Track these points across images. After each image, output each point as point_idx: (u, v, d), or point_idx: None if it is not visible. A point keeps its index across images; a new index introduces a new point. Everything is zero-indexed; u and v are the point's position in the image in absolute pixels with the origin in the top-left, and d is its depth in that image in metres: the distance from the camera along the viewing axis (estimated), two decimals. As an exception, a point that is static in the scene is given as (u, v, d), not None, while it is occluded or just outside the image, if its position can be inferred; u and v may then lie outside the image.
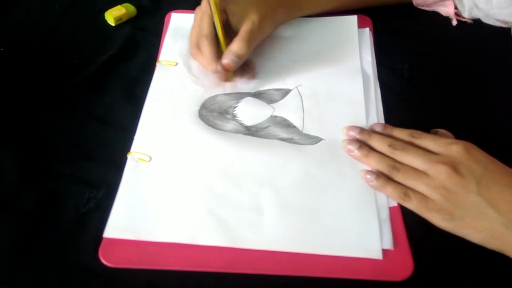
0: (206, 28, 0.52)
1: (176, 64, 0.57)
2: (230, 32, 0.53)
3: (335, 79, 0.56)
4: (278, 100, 0.54)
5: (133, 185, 0.46)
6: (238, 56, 0.51)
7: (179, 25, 0.62)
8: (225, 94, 0.54)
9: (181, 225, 0.43)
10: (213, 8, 0.50)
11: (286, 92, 0.55)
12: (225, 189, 0.46)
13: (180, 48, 0.59)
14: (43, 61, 0.58)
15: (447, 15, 0.63)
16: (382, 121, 0.52)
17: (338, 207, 0.45)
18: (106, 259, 0.41)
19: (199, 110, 0.52)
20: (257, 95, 0.54)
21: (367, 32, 0.61)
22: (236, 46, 0.51)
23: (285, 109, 0.53)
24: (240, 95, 0.54)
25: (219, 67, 0.52)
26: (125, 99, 0.54)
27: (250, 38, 0.52)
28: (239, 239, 0.42)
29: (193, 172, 0.47)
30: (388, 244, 0.43)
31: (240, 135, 0.50)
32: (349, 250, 0.42)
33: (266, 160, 0.48)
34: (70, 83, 0.55)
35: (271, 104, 0.53)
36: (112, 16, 0.63)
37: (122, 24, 0.64)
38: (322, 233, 0.43)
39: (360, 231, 0.43)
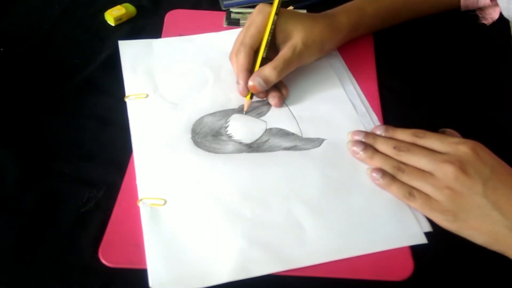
0: (247, 38, 0.52)
1: (147, 95, 0.54)
2: (273, 47, 0.53)
3: (311, 79, 0.56)
4: (266, 112, 0.53)
5: (158, 234, 0.42)
6: (266, 82, 0.51)
7: (131, 54, 0.58)
8: (210, 114, 0.52)
9: (228, 261, 0.40)
10: (269, 23, 0.50)
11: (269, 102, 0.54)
12: (254, 212, 0.44)
13: (144, 77, 0.56)
14: (43, 61, 0.58)
15: (491, 13, 0.62)
16: (369, 107, 0.53)
17: (368, 202, 0.45)
18: (106, 259, 0.41)
19: (192, 138, 0.50)
20: (242, 110, 0.53)
21: None
22: (267, 71, 0.50)
23: (277, 119, 0.52)
24: (226, 113, 0.52)
25: (241, 82, 0.51)
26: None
27: (284, 67, 0.51)
28: (289, 259, 0.41)
29: (214, 203, 0.45)
30: (427, 227, 0.43)
31: (244, 154, 0.49)
32: (393, 242, 0.42)
33: (282, 173, 0.47)
34: (70, 82, 0.55)
35: (261, 118, 0.53)
36: (112, 16, 0.63)
37: (122, 24, 0.64)
38: (363, 232, 0.43)
39: (397, 220, 0.43)
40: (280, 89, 0.54)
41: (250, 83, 0.51)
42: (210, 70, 0.57)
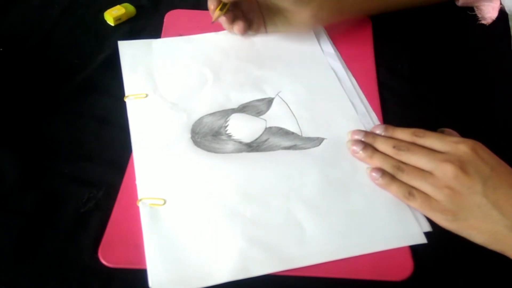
0: None
1: (146, 95, 0.54)
2: None
3: (310, 79, 0.56)
4: (266, 111, 0.53)
5: (158, 235, 0.42)
6: None
7: (131, 54, 0.58)
8: (210, 114, 0.52)
9: (228, 261, 0.41)
10: None
11: (269, 101, 0.54)
12: (254, 212, 0.44)
13: (144, 77, 0.56)
14: (43, 61, 0.58)
15: (490, 12, 0.62)
16: (369, 107, 0.53)
17: (368, 202, 0.45)
18: (106, 259, 0.41)
19: (191, 138, 0.50)
20: (242, 109, 0.53)
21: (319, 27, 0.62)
22: None
23: (276, 118, 0.52)
24: (226, 112, 0.52)
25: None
26: (125, 99, 0.54)
27: None
28: (289, 259, 0.41)
29: (214, 203, 0.45)
30: (427, 227, 0.43)
31: (243, 153, 0.49)
32: (393, 242, 0.42)
33: (281, 172, 0.47)
34: (69, 83, 0.55)
35: (261, 116, 0.53)
36: (111, 16, 0.63)
37: (122, 24, 0.64)
38: (363, 232, 0.43)
39: (397, 220, 0.44)
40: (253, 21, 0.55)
41: None
42: (209, 70, 0.57)
